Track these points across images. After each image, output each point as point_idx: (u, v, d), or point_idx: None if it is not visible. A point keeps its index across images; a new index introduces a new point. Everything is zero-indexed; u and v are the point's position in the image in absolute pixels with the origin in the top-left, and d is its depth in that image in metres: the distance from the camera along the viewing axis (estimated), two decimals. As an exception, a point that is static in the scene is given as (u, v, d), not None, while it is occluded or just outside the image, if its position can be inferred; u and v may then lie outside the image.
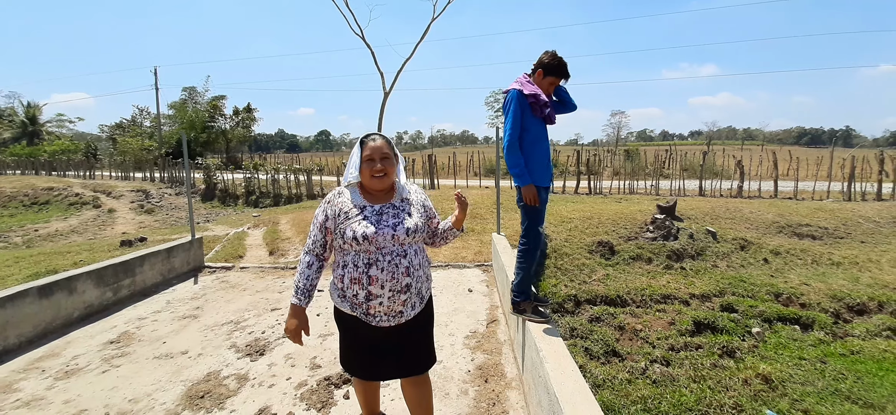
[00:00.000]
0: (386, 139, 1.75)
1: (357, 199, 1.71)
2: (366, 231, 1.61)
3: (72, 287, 3.66)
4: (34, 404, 2.51)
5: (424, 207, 1.82)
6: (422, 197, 1.86)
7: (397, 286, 1.64)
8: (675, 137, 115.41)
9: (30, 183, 16.94)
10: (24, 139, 33.74)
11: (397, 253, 1.65)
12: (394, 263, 1.64)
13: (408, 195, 1.80)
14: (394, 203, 1.74)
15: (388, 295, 1.64)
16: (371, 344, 1.74)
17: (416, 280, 1.70)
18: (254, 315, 3.78)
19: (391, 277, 1.63)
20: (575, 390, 1.76)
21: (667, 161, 20.61)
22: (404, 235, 1.66)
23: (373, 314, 1.66)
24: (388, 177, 1.70)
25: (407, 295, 1.67)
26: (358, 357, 1.79)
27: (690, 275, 6.33)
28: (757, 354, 4.20)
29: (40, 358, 3.09)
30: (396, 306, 1.66)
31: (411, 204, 1.77)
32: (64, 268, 5.59)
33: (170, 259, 4.84)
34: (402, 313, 1.68)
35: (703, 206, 9.14)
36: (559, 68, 2.43)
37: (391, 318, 1.68)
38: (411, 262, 1.68)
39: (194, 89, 32.74)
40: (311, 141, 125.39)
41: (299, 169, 17.18)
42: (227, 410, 2.39)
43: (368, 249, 1.63)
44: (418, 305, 1.74)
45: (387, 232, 1.64)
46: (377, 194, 1.74)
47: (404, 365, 1.81)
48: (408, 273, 1.66)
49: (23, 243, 10.74)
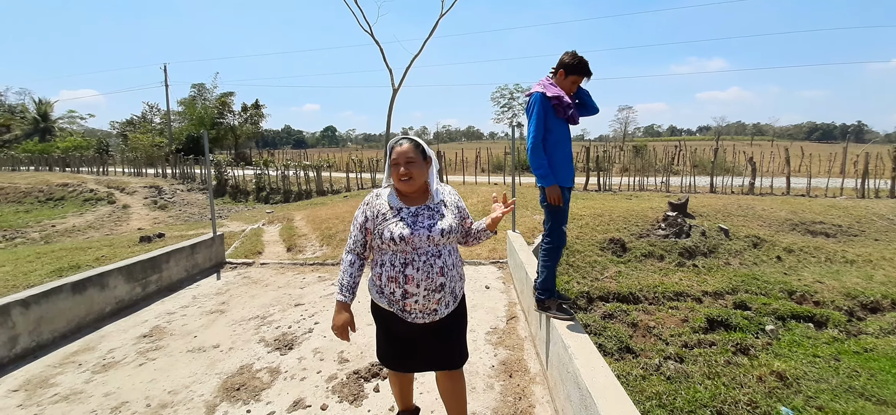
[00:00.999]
0: (413, 142, 1.78)
1: (394, 201, 1.78)
2: (402, 232, 1.68)
3: (103, 283, 3.78)
4: (73, 398, 2.60)
5: (458, 208, 1.87)
6: (455, 198, 1.91)
7: (432, 285, 1.71)
8: (682, 132, 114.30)
9: (44, 179, 17.25)
10: (36, 136, 34.20)
11: (432, 253, 1.72)
12: (429, 264, 1.71)
13: (443, 197, 1.85)
14: (429, 205, 1.79)
15: (424, 294, 1.71)
16: (407, 339, 1.82)
17: (450, 280, 1.76)
18: (279, 310, 3.88)
19: (426, 277, 1.70)
20: (606, 384, 1.83)
21: (676, 157, 20.49)
22: (439, 236, 1.72)
23: (409, 311, 1.74)
24: (413, 180, 1.74)
25: (441, 294, 1.73)
26: (394, 351, 1.87)
27: (703, 272, 6.36)
28: (771, 351, 4.25)
29: (76, 352, 3.21)
30: (431, 305, 1.73)
31: (446, 205, 1.82)
32: (87, 263, 5.74)
33: (194, 255, 4.97)
34: (437, 311, 1.75)
35: (715, 203, 9.13)
36: (580, 67, 2.47)
37: (426, 315, 1.74)
38: (445, 262, 1.74)
39: (203, 86, 33.05)
40: (317, 137, 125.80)
41: (309, 165, 17.33)
42: (264, 402, 2.49)
43: (405, 249, 1.70)
44: (452, 304, 1.80)
45: (422, 233, 1.70)
46: (412, 196, 1.80)
47: (439, 360, 1.88)
48: (442, 273, 1.72)
49: (40, 239, 10.97)
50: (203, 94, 32.88)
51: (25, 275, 5.51)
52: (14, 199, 15.00)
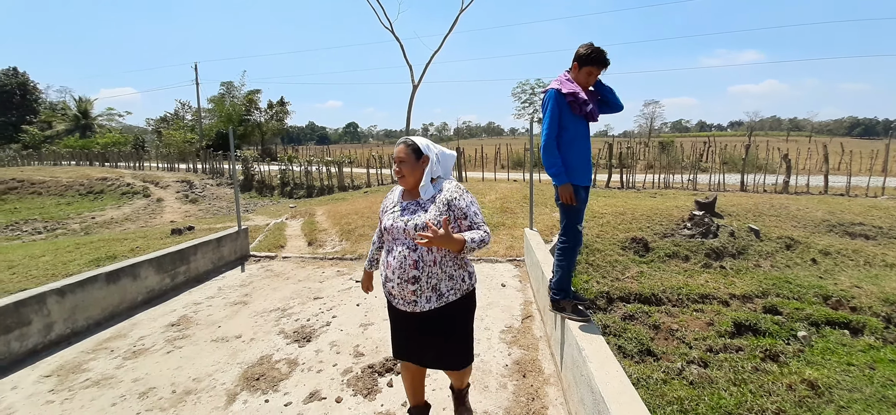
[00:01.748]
0: (407, 144, 1.90)
1: (398, 196, 1.97)
2: (386, 223, 1.89)
3: (136, 273, 3.98)
4: (104, 382, 2.75)
5: (449, 205, 1.82)
6: (452, 195, 1.85)
7: (405, 276, 1.79)
8: (712, 127, 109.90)
9: (85, 173, 18.22)
10: (77, 132, 36.11)
11: (409, 246, 1.80)
12: (403, 255, 1.80)
13: (435, 194, 1.87)
14: (418, 200, 1.89)
15: (397, 282, 1.81)
16: (399, 323, 1.96)
17: (427, 276, 1.79)
18: (298, 303, 3.98)
19: (400, 267, 1.80)
20: (620, 389, 1.79)
21: (705, 153, 19.75)
22: (412, 230, 1.79)
23: (393, 295, 1.87)
24: (405, 177, 1.88)
25: (416, 286, 1.79)
26: (392, 334, 2.03)
27: (731, 274, 6.13)
28: (802, 358, 4.06)
29: (108, 339, 3.38)
30: (407, 294, 1.81)
31: (433, 201, 1.85)
32: (122, 254, 6.04)
33: (219, 248, 5.15)
34: (416, 302, 1.81)
35: (746, 202, 8.76)
36: (594, 58, 2.38)
37: (405, 303, 1.84)
38: (422, 257, 1.78)
39: (231, 84, 34.07)
40: (339, 133, 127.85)
41: (331, 161, 17.64)
42: (281, 392, 2.57)
43: (388, 238, 1.89)
44: (434, 300, 1.81)
45: (400, 225, 1.83)
46: (410, 192, 1.93)
47: (431, 358, 1.94)
48: (416, 266, 1.78)
49: (81, 230, 11.61)
50: (231, 92, 33.92)
51: (65, 264, 5.85)
52: (56, 192, 15.92)
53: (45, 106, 43.02)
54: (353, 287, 4.41)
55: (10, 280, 5.30)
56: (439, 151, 1.95)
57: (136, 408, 2.46)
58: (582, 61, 2.41)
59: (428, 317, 1.84)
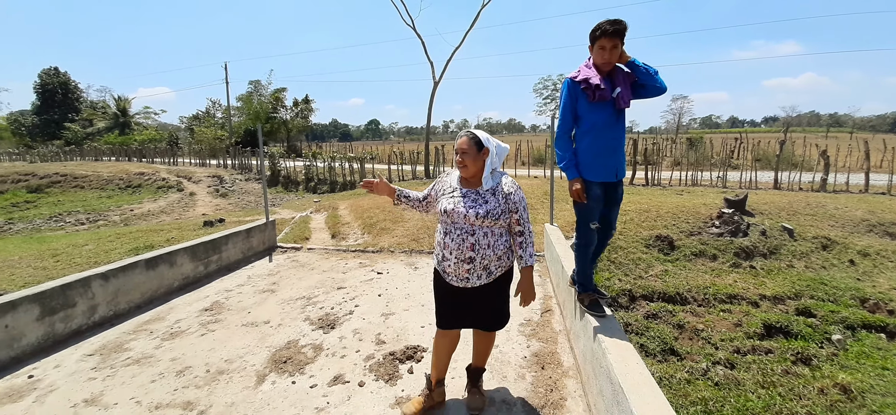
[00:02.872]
0: (469, 136, 2.05)
1: (455, 181, 2.12)
2: (446, 206, 2.04)
3: (172, 260, 4.21)
4: (144, 361, 2.93)
5: (507, 198, 2.04)
6: (510, 189, 2.06)
7: (462, 256, 2.00)
8: (745, 123, 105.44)
9: (124, 168, 19.19)
10: (116, 129, 38.01)
11: (466, 230, 2.00)
12: (461, 238, 2.00)
13: (494, 185, 2.06)
14: (478, 190, 2.05)
15: (454, 261, 2.02)
16: (448, 298, 2.14)
17: (481, 257, 2.00)
18: (323, 292, 4.12)
19: (458, 248, 2.00)
20: (640, 380, 1.79)
21: (736, 150, 19.00)
22: (474, 218, 1.98)
23: (447, 272, 2.07)
24: (467, 167, 2.04)
25: (470, 266, 2.00)
26: (440, 307, 2.19)
27: (761, 274, 5.92)
28: (836, 362, 3.90)
29: (147, 322, 3.60)
30: (462, 272, 2.02)
31: (494, 193, 2.03)
32: (159, 244, 6.37)
33: (249, 239, 5.37)
34: (468, 279, 2.03)
35: (779, 200, 8.41)
36: (599, 31, 2.17)
37: (459, 280, 2.05)
38: (479, 241, 1.99)
39: (259, 82, 35.08)
40: (361, 130, 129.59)
41: (353, 157, 17.97)
42: (307, 375, 2.68)
43: (447, 221, 2.05)
44: (484, 277, 2.04)
45: (461, 211, 2.00)
46: (469, 180, 2.08)
47: (477, 321, 2.19)
48: (472, 248, 1.99)
49: (120, 221, 12.27)
50: (259, 90, 34.91)
51: (106, 253, 6.22)
52: (97, 186, 16.85)
53: (86, 104, 45.43)
54: (375, 278, 4.52)
55: (54, 267, 5.69)
56: (496, 144, 2.10)
57: (174, 385, 2.62)
58: (591, 39, 2.23)
59: (478, 291, 2.07)
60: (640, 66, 2.23)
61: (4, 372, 2.78)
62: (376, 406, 2.35)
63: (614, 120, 2.30)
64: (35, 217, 13.17)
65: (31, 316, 3.02)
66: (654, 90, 2.25)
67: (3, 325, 2.85)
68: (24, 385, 2.64)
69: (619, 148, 2.36)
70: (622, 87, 2.24)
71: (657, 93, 2.27)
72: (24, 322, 2.97)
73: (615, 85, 2.25)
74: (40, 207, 14.59)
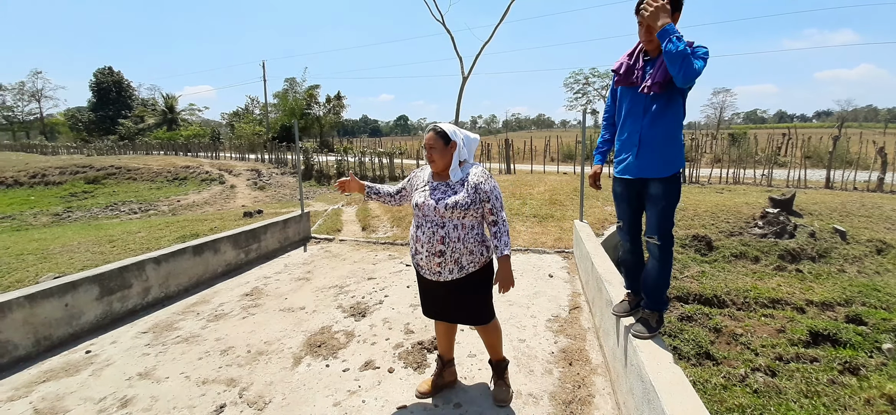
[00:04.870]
0: (436, 131, 2.06)
1: (428, 175, 2.15)
2: (418, 199, 2.08)
3: (217, 248, 4.48)
4: (192, 340, 3.16)
5: (476, 189, 2.02)
6: (478, 179, 2.04)
7: (433, 250, 2.02)
8: (794, 118, 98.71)
9: (171, 162, 20.40)
10: (164, 125, 40.38)
11: (436, 223, 2.02)
12: (432, 231, 2.02)
13: (462, 177, 2.07)
14: (448, 182, 2.07)
15: (426, 255, 2.05)
16: (424, 289, 2.23)
17: (451, 251, 2.01)
18: (354, 282, 4.26)
19: (428, 241, 2.02)
20: (672, 380, 1.76)
21: (784, 146, 17.86)
22: (443, 210, 2.00)
23: (420, 266, 2.11)
24: (435, 161, 2.06)
25: (441, 259, 2.02)
26: (421, 298, 2.30)
27: (809, 279, 5.60)
28: (885, 372, 3.65)
29: (194, 304, 3.86)
30: (433, 266, 2.05)
31: (463, 184, 2.04)
32: (204, 233, 6.76)
33: (285, 229, 5.62)
34: (440, 273, 2.05)
35: (831, 200, 7.87)
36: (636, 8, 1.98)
37: (431, 274, 2.08)
38: (448, 233, 2.01)
39: (294, 80, 36.25)
40: (390, 126, 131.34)
41: (383, 152, 18.28)
42: (340, 359, 2.80)
43: (418, 214, 2.08)
44: (456, 272, 2.06)
45: (430, 203, 2.03)
46: (440, 174, 2.11)
47: (456, 315, 2.24)
48: (442, 242, 2.01)
49: (169, 211, 13.08)
50: (294, 88, 36.09)
51: (157, 239, 6.67)
52: (148, 178, 18.01)
53: (137, 102, 48.50)
54: (404, 270, 4.62)
55: (110, 252, 6.16)
56: (464, 136, 2.12)
57: (219, 363, 2.81)
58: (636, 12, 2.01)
59: (452, 286, 2.09)
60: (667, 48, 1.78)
61: (62, 348, 3.04)
62: (405, 392, 2.43)
63: (640, 109, 2.04)
64: (92, 206, 14.26)
65: (91, 296, 3.31)
66: (680, 68, 1.77)
67: (64, 303, 3.12)
68: (81, 360, 2.89)
69: (646, 142, 2.03)
70: (655, 70, 1.96)
71: (685, 71, 1.77)
72: (83, 301, 3.25)
73: (633, 69, 2.09)
74: (97, 197, 15.77)
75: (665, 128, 2.00)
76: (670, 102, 1.98)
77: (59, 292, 3.09)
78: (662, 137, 2.01)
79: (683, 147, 2.11)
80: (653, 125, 2.02)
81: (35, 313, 2.94)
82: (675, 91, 1.96)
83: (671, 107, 1.99)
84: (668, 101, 1.98)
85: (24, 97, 51.15)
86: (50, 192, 16.97)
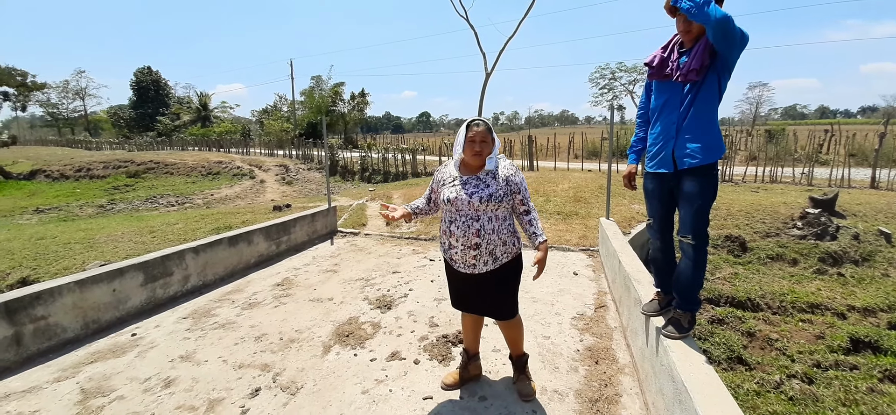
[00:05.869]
0: (487, 125, 2.11)
1: (454, 171, 2.16)
2: (449, 195, 2.09)
3: (250, 239, 4.67)
4: (228, 326, 3.32)
5: (508, 182, 2.10)
6: (508, 172, 2.12)
7: (468, 243, 2.05)
8: (837, 113, 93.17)
9: (205, 158, 21.24)
10: (199, 122, 42.03)
11: (471, 216, 2.06)
12: (467, 224, 2.05)
13: (494, 169, 2.11)
14: (479, 176, 2.10)
15: (461, 248, 2.07)
16: (456, 283, 2.25)
17: (486, 243, 2.05)
18: (379, 275, 4.36)
19: (464, 235, 2.06)
20: (705, 380, 1.73)
21: (826, 143, 16.91)
22: (478, 203, 2.03)
23: (453, 260, 2.14)
24: (482, 155, 2.08)
25: (477, 252, 2.06)
26: (451, 291, 2.32)
27: (851, 283, 5.32)
28: (933, 382, 3.43)
29: (229, 292, 4.04)
30: (468, 259, 2.08)
31: (494, 178, 2.09)
32: (236, 224, 7.04)
33: (313, 223, 5.79)
34: (475, 266, 2.09)
35: (876, 201, 7.42)
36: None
37: (466, 267, 2.11)
38: (483, 226, 2.05)
39: (320, 78, 36.96)
40: (413, 122, 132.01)
41: (406, 149, 18.44)
42: (367, 349, 2.89)
43: (451, 209, 2.09)
44: (490, 264, 2.09)
45: (464, 198, 2.05)
46: (470, 168, 2.13)
47: (486, 309, 2.25)
48: (478, 235, 2.04)
49: (203, 204, 13.66)
50: (320, 85, 36.81)
51: (193, 231, 6.98)
52: (183, 173, 18.84)
53: (174, 100, 50.65)
54: (428, 265, 4.68)
55: (151, 242, 6.49)
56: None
57: (253, 349, 2.94)
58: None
59: (485, 277, 2.12)
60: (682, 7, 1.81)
61: (110, 331, 3.25)
62: (431, 383, 2.48)
63: (677, 100, 2.00)
64: (133, 199, 15.06)
65: (136, 282, 3.52)
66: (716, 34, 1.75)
67: (112, 289, 3.33)
68: (127, 342, 3.08)
69: (684, 131, 1.98)
70: (690, 58, 1.91)
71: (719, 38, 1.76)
72: (129, 287, 3.47)
73: (667, 61, 2.06)
74: (138, 191, 16.64)
75: (703, 113, 1.95)
76: (708, 89, 1.93)
77: (107, 279, 3.30)
78: (701, 123, 1.95)
79: (721, 133, 2.04)
80: (690, 113, 1.97)
81: (85, 297, 3.15)
82: (712, 77, 1.92)
83: (709, 93, 1.94)
84: (706, 88, 1.93)
85: (69, 95, 54.22)
86: (94, 185, 18.03)
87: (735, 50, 1.82)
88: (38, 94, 34.59)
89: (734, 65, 1.91)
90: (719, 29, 1.73)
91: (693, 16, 1.79)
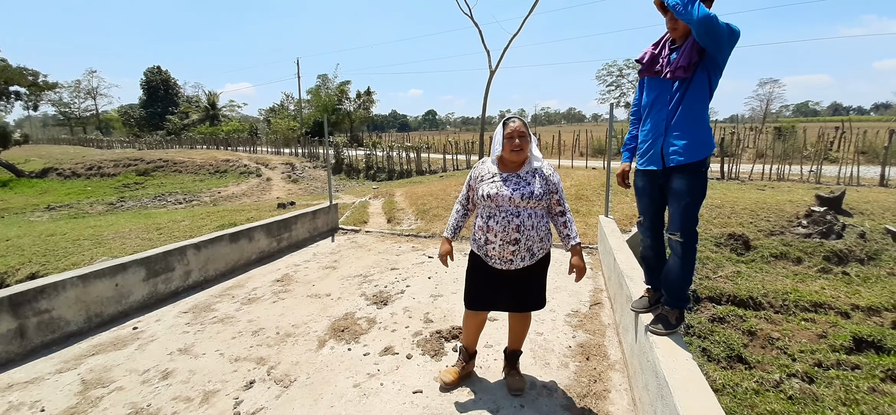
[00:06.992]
0: (523, 121, 2.15)
1: (493, 167, 2.17)
2: (490, 191, 2.09)
3: (251, 236, 4.73)
4: (227, 320, 3.37)
5: (547, 180, 2.14)
6: (548, 172, 2.17)
7: (508, 238, 2.06)
8: (850, 111, 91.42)
9: (213, 155, 21.50)
10: (207, 121, 42.51)
11: (511, 212, 2.06)
12: (506, 220, 2.06)
13: (534, 168, 2.14)
14: (519, 173, 2.12)
15: (500, 243, 2.07)
16: (487, 281, 2.21)
17: (526, 238, 2.06)
18: (378, 272, 4.40)
19: (503, 230, 2.06)
20: (687, 377, 1.74)
21: (836, 141, 16.62)
22: (519, 199, 2.05)
23: (489, 256, 2.14)
24: (523, 151, 2.10)
25: (516, 247, 2.07)
26: (477, 291, 2.26)
27: (856, 282, 5.25)
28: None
29: (230, 288, 4.10)
30: (506, 255, 2.08)
31: (535, 175, 2.12)
32: (241, 222, 7.13)
33: (314, 220, 5.85)
34: (512, 261, 2.10)
35: (885, 199, 7.30)
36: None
37: (502, 263, 2.11)
38: (523, 222, 2.06)
39: (326, 76, 37.20)
40: (419, 120, 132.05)
41: (410, 147, 18.49)
42: (361, 344, 2.92)
43: (490, 205, 2.09)
44: (527, 259, 2.11)
45: (505, 194, 2.06)
46: (510, 165, 2.15)
47: (514, 304, 2.25)
48: (518, 230, 2.05)
49: (210, 202, 13.84)
50: (326, 84, 37.02)
51: (199, 228, 7.10)
52: (192, 170, 19.09)
53: (183, 99, 51.25)
54: (426, 262, 4.71)
55: (158, 238, 6.61)
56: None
57: (250, 342, 2.99)
58: None
59: (520, 273, 2.15)
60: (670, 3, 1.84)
61: (112, 324, 3.32)
62: (422, 378, 2.51)
63: (666, 97, 2.00)
64: (142, 196, 15.30)
65: (139, 277, 3.59)
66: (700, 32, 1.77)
67: (114, 283, 3.41)
68: (129, 335, 3.15)
69: (673, 127, 1.97)
70: (679, 54, 1.93)
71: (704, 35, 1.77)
72: (132, 282, 3.54)
73: (656, 57, 2.07)
74: (147, 188, 16.90)
75: (692, 111, 1.95)
76: (697, 86, 1.93)
77: (110, 273, 3.38)
78: (690, 120, 1.95)
79: (711, 131, 2.04)
80: (679, 110, 1.97)
81: (88, 291, 3.23)
82: (702, 74, 1.91)
83: (698, 90, 1.93)
84: (695, 86, 1.93)
85: (80, 94, 55.07)
86: (105, 183, 18.34)
87: (723, 48, 1.83)
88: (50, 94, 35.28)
89: (724, 63, 1.90)
90: (702, 27, 1.75)
91: (679, 14, 1.82)
